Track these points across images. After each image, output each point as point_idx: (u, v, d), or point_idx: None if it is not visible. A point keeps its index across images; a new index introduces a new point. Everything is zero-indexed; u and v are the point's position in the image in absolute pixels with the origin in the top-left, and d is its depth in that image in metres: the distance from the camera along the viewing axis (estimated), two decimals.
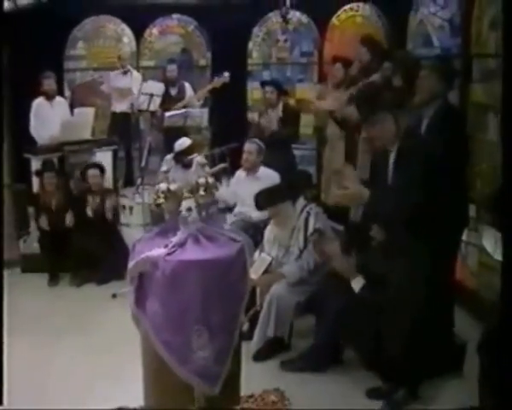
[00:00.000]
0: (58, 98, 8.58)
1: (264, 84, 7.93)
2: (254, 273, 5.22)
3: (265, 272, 5.34)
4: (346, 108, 6.78)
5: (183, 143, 7.33)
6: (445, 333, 4.83)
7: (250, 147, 6.60)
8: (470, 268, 6.04)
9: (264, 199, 5.42)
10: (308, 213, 5.31)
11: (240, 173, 6.76)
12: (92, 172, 7.35)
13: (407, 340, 4.34)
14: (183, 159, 7.22)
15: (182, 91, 8.92)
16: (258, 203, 5.49)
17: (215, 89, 8.76)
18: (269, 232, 5.54)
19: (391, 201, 4.28)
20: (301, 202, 5.43)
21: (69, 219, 7.15)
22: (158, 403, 3.75)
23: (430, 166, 4.24)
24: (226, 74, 8.52)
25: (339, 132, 7.20)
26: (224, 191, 6.66)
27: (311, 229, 5.25)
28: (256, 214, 6.15)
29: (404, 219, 4.19)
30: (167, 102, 8.69)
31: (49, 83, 8.33)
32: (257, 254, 5.43)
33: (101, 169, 7.49)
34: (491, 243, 5.42)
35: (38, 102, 8.36)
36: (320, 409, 4.47)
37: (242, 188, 6.58)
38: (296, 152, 8.04)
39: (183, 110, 8.31)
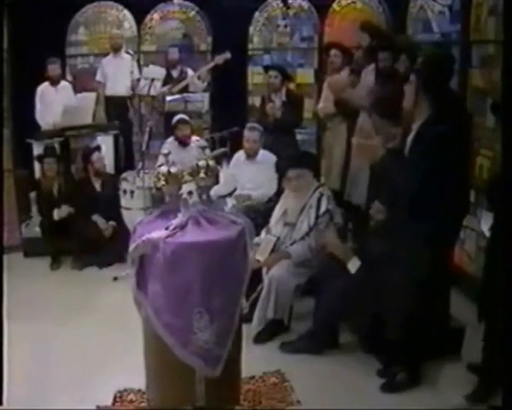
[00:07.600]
0: (63, 83, 8.56)
1: (267, 68, 7.79)
2: (261, 255, 5.28)
3: (271, 252, 5.38)
4: (348, 92, 6.74)
5: (180, 117, 7.52)
6: (442, 316, 4.84)
7: (253, 135, 6.61)
8: (468, 252, 6.08)
9: (289, 160, 5.53)
10: (321, 194, 5.36)
11: (239, 156, 6.80)
12: (97, 155, 7.39)
13: (405, 322, 4.38)
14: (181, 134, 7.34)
15: (183, 73, 8.92)
16: (279, 166, 5.61)
17: (217, 68, 8.74)
18: (278, 208, 5.59)
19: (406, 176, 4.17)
20: (314, 182, 5.49)
21: (69, 205, 7.17)
22: (159, 386, 3.78)
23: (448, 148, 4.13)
24: (227, 52, 8.53)
25: (340, 117, 7.14)
26: (223, 174, 6.72)
27: (323, 208, 5.29)
28: (256, 194, 6.31)
29: (414, 195, 4.11)
30: (169, 83, 8.71)
31: (53, 68, 8.33)
32: (263, 234, 5.52)
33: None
34: (489, 227, 5.44)
35: (43, 88, 8.38)
36: (320, 390, 4.51)
37: (242, 171, 6.68)
38: (296, 136, 7.97)
39: (184, 94, 8.32)
